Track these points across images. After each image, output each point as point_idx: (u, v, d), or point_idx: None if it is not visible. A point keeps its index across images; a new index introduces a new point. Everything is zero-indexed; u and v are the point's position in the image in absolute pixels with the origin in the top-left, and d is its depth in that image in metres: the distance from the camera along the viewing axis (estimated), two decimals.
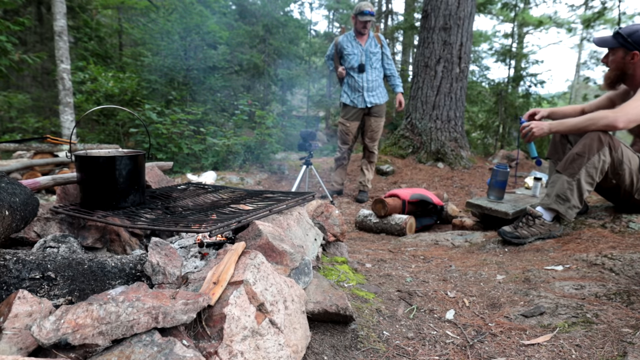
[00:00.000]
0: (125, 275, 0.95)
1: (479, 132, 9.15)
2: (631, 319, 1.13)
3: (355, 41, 3.94)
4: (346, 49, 3.94)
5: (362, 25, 3.81)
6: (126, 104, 7.43)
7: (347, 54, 3.94)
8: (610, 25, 11.61)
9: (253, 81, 12.01)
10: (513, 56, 9.31)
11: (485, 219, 2.77)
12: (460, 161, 5.66)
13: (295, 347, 0.90)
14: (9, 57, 5.60)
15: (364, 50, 3.92)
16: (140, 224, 1.14)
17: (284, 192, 1.71)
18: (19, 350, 0.68)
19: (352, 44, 3.94)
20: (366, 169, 4.33)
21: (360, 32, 3.88)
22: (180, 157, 6.17)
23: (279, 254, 1.12)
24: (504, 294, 1.39)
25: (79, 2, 9.11)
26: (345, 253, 1.78)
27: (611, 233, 1.93)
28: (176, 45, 8.89)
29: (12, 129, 7.93)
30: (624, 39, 1.91)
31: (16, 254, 0.90)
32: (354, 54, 3.93)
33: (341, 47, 3.96)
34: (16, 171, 3.58)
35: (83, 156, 1.29)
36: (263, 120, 6.52)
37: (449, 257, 2.01)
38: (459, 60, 5.71)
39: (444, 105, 5.78)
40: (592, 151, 1.89)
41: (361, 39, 3.94)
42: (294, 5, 15.97)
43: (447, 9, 5.57)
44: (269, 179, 5.39)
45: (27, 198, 1.02)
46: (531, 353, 1.02)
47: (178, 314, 0.74)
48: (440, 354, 1.05)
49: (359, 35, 3.92)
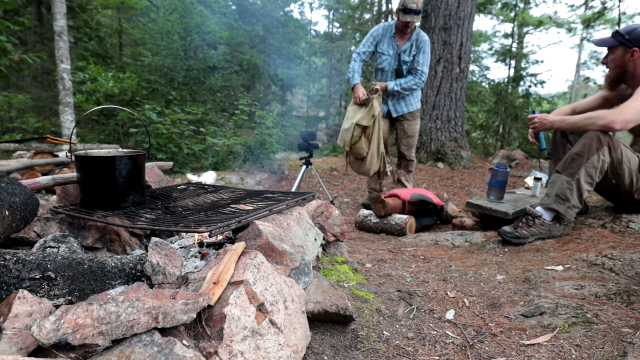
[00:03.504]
0: (125, 275, 0.95)
1: (479, 132, 9.16)
2: (631, 319, 1.13)
3: (393, 39, 3.38)
4: (380, 46, 3.41)
5: (404, 24, 3.27)
6: (126, 104, 7.44)
7: (380, 52, 3.43)
8: (610, 25, 11.62)
9: (253, 81, 12.02)
10: (513, 56, 9.31)
11: (485, 219, 2.77)
12: (460, 161, 5.66)
13: (295, 347, 0.90)
14: (9, 57, 5.60)
15: (398, 53, 3.38)
16: (140, 224, 1.14)
17: (284, 192, 1.71)
18: (19, 350, 0.68)
19: (388, 42, 3.39)
20: (405, 180, 3.80)
21: (402, 30, 3.32)
22: (180, 157, 6.17)
23: (279, 254, 1.12)
24: (504, 294, 1.39)
25: (79, 2, 9.11)
26: (345, 253, 1.78)
27: (611, 233, 1.93)
28: (176, 45, 8.90)
29: (12, 129, 7.93)
30: (623, 37, 1.93)
31: (16, 254, 0.90)
32: (388, 55, 3.40)
33: (378, 39, 3.41)
34: (16, 171, 3.58)
35: (83, 156, 1.29)
36: (263, 120, 6.52)
37: (449, 257, 2.01)
38: (459, 60, 5.72)
39: (444, 105, 5.78)
40: (592, 151, 1.89)
41: (401, 37, 3.37)
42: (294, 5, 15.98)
43: (447, 9, 5.57)
44: (269, 179, 5.39)
45: (27, 198, 1.02)
46: (531, 353, 1.02)
47: (178, 314, 0.74)
48: (440, 354, 1.05)
49: (400, 33, 3.36)
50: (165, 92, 8.46)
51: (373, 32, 3.45)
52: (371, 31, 3.46)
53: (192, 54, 9.39)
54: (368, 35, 3.46)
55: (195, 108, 7.17)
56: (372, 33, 3.44)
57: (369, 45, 3.44)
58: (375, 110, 3.23)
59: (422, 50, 3.33)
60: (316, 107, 18.53)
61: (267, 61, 11.90)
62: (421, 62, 3.35)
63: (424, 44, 3.34)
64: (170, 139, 6.24)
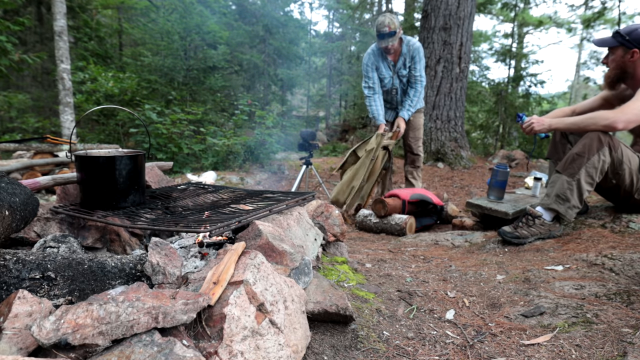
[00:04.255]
0: (125, 275, 0.95)
1: (479, 132, 9.16)
2: (631, 319, 1.13)
3: (388, 60, 3.42)
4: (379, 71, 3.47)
5: (384, 49, 3.29)
6: (126, 104, 7.44)
7: (380, 77, 3.48)
8: (610, 25, 11.62)
9: (253, 81, 12.02)
10: (513, 56, 9.32)
11: (485, 219, 2.77)
12: (460, 161, 5.66)
13: (295, 347, 0.90)
14: (9, 57, 5.61)
15: (396, 71, 3.43)
16: (140, 224, 1.14)
17: (284, 192, 1.71)
18: (19, 350, 0.68)
19: (383, 64, 3.44)
20: (412, 177, 3.74)
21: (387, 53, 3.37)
22: (180, 157, 6.17)
23: (279, 254, 1.12)
24: (504, 294, 1.39)
25: (79, 2, 9.11)
26: (345, 253, 1.78)
27: (611, 233, 1.93)
28: (176, 45, 8.90)
29: (12, 129, 7.94)
30: (623, 38, 1.93)
31: (16, 254, 0.90)
32: (388, 76, 3.45)
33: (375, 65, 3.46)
34: (16, 171, 3.58)
35: (83, 156, 1.29)
36: (263, 120, 6.52)
37: (449, 257, 2.01)
38: (459, 60, 5.72)
39: (444, 105, 5.78)
40: (592, 151, 1.89)
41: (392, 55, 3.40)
42: (294, 5, 15.97)
43: (447, 9, 5.57)
44: (269, 179, 5.39)
45: (27, 198, 1.02)
46: (531, 353, 1.02)
47: (178, 314, 0.74)
48: (440, 354, 1.05)
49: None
50: (165, 92, 8.47)
51: (367, 62, 3.48)
52: (364, 62, 3.50)
53: (192, 54, 9.39)
54: (364, 67, 3.50)
55: (195, 108, 7.18)
56: (366, 63, 3.48)
57: (371, 74, 3.48)
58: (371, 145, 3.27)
59: (416, 58, 3.36)
60: (316, 107, 18.53)
61: (267, 61, 11.90)
62: (418, 68, 3.38)
63: (416, 51, 3.36)
64: (170, 139, 6.24)
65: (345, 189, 3.26)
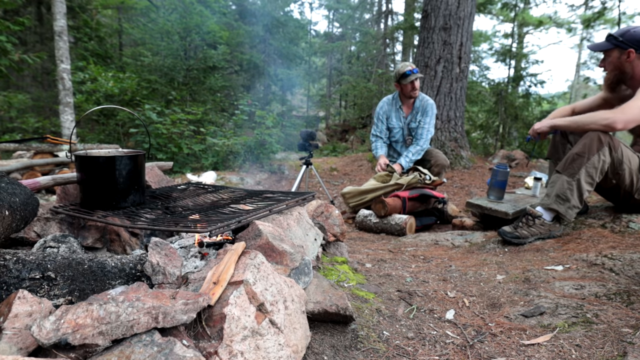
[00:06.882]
0: (125, 275, 0.95)
1: (479, 132, 9.16)
2: (631, 319, 1.13)
3: (400, 111, 3.51)
4: (390, 121, 3.55)
5: (411, 87, 3.36)
6: (126, 104, 7.44)
7: (390, 127, 3.56)
8: (610, 25, 11.61)
9: (253, 81, 12.03)
10: (513, 56, 9.31)
11: (485, 219, 2.77)
12: (460, 161, 5.66)
13: (295, 347, 0.90)
14: (9, 57, 5.61)
15: (406, 123, 3.50)
16: (140, 224, 1.14)
17: (284, 192, 1.71)
18: (19, 350, 0.68)
19: (395, 115, 3.53)
20: None
21: (411, 96, 3.41)
22: (180, 157, 6.17)
23: (279, 254, 1.12)
24: (504, 294, 1.39)
25: (79, 2, 9.11)
26: (345, 253, 1.78)
27: (611, 233, 1.93)
28: (176, 45, 8.91)
29: (12, 129, 7.94)
30: (617, 39, 1.94)
31: (16, 254, 0.90)
32: (399, 127, 3.53)
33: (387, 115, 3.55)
34: (16, 171, 3.58)
35: (83, 156, 1.29)
36: (263, 120, 6.52)
37: (449, 257, 2.01)
38: (459, 60, 5.71)
39: (444, 105, 5.78)
40: (592, 151, 1.89)
41: (406, 106, 3.50)
42: (294, 5, 15.99)
43: (447, 9, 5.57)
44: (269, 179, 5.39)
45: (27, 198, 1.02)
46: (531, 353, 1.02)
47: (178, 314, 0.74)
48: (440, 354, 1.05)
49: (406, 100, 3.48)
50: (165, 92, 8.47)
51: (380, 111, 3.57)
52: (378, 110, 3.59)
53: (192, 54, 9.40)
54: (376, 114, 3.60)
55: (195, 108, 7.18)
56: (379, 112, 3.57)
57: (381, 124, 3.58)
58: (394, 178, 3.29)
59: (427, 113, 3.44)
60: (316, 107, 18.54)
61: (267, 61, 11.91)
62: (427, 120, 3.45)
63: (430, 107, 3.45)
64: (170, 139, 6.24)
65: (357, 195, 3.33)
